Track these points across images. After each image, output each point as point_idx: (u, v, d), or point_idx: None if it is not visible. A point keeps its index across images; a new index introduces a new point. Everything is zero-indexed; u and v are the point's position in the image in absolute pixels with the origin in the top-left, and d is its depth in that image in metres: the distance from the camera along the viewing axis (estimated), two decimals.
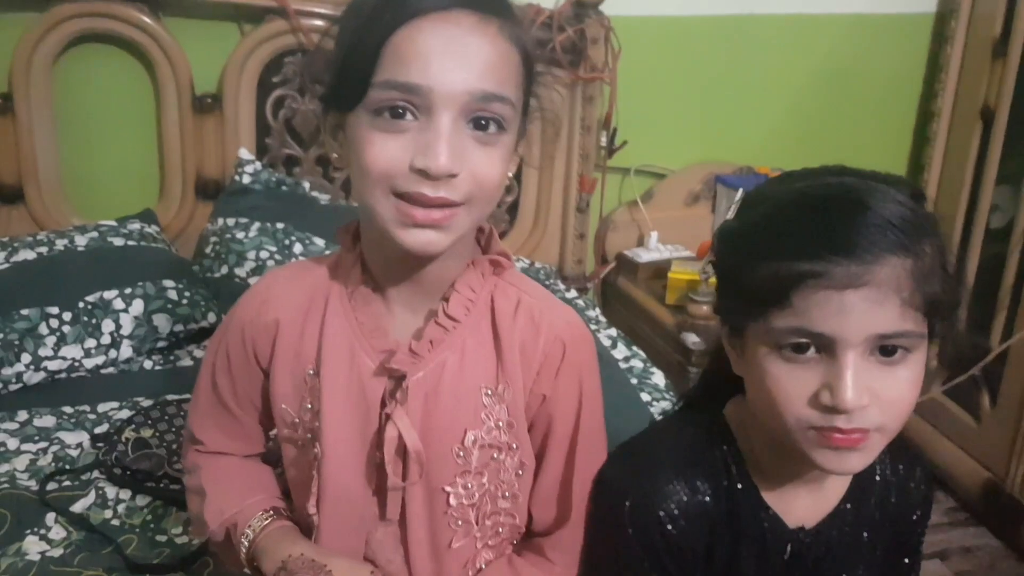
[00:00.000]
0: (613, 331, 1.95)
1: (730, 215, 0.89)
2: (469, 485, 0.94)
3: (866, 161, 0.88)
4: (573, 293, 2.14)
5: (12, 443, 1.49)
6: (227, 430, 1.04)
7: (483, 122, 0.81)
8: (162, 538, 1.31)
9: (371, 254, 0.92)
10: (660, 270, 2.19)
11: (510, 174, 0.89)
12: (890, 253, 0.77)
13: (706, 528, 0.91)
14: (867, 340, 0.78)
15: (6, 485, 1.38)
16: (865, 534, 0.95)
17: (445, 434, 0.92)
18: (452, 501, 0.94)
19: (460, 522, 0.96)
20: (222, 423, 1.03)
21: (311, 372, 0.93)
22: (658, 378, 1.77)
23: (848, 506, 0.94)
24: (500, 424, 0.93)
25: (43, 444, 1.50)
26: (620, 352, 1.87)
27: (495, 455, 0.94)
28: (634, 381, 1.75)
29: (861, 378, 0.78)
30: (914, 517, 0.99)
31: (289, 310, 0.94)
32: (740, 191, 0.88)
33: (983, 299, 2.30)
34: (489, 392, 0.92)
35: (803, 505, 0.93)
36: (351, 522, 0.96)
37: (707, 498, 0.91)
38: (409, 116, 0.80)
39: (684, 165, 2.34)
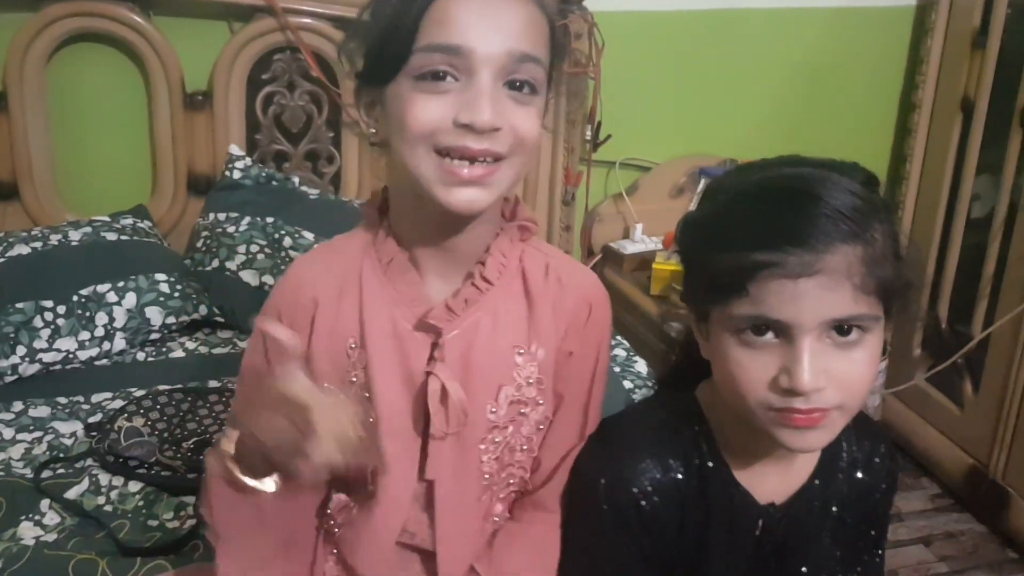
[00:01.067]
0: None
1: (692, 205, 0.92)
2: (496, 440, 0.98)
3: (849, 152, 0.91)
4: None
5: (7, 433, 1.53)
6: None
7: (518, 84, 0.85)
8: (154, 523, 1.34)
9: (403, 225, 0.95)
10: (645, 261, 2.22)
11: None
12: (841, 242, 0.80)
13: (678, 504, 0.94)
14: (822, 325, 0.81)
15: (1, 473, 1.42)
16: (834, 509, 0.99)
17: (480, 391, 0.95)
18: (484, 457, 0.98)
19: (487, 476, 0.99)
20: None
21: (352, 345, 0.95)
22: (640, 366, 1.80)
23: (817, 482, 0.97)
24: (530, 380, 0.97)
25: (38, 433, 1.53)
26: None
27: (522, 410, 0.98)
28: (617, 369, 1.78)
29: (817, 361, 0.81)
30: (880, 490, 1.02)
31: (325, 289, 0.96)
32: (703, 182, 0.93)
33: (964, 287, 2.33)
34: (521, 351, 0.97)
35: (773, 482, 0.96)
36: (399, 484, 0.98)
37: (679, 475, 0.94)
38: (450, 78, 0.84)
39: (668, 158, 2.36)
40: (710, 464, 0.95)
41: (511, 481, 1.02)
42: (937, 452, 2.38)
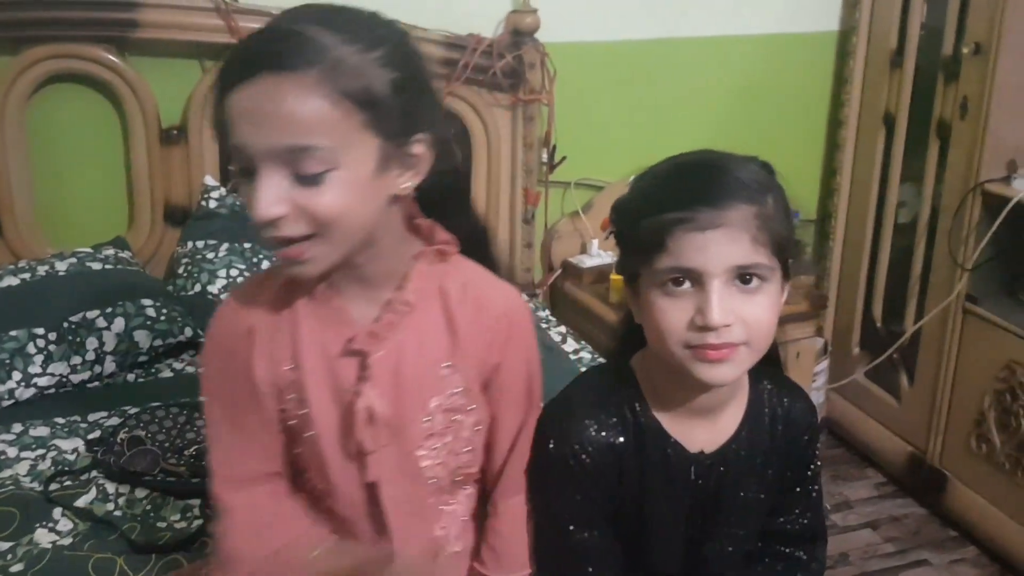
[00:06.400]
0: (563, 328, 2.11)
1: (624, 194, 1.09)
2: (436, 446, 1.08)
3: (783, 166, 1.07)
4: (524, 298, 2.28)
5: (11, 451, 1.60)
6: (244, 448, 1.08)
7: (302, 166, 0.90)
8: (162, 524, 1.42)
9: None
10: (603, 274, 2.36)
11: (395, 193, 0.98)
12: (741, 201, 0.97)
13: (615, 457, 1.08)
14: (727, 271, 0.97)
15: (11, 487, 1.48)
16: (759, 459, 1.13)
17: (412, 404, 1.06)
18: (424, 462, 1.08)
19: (432, 479, 1.10)
20: (236, 442, 1.08)
21: (287, 368, 1.03)
22: None
23: (743, 433, 1.11)
24: (458, 390, 1.08)
25: (41, 451, 1.60)
26: (570, 346, 2.03)
27: (455, 416, 1.08)
28: (583, 370, 1.91)
29: (725, 301, 0.97)
30: (803, 441, 1.16)
31: (260, 317, 1.04)
32: (632, 177, 1.13)
33: (895, 288, 2.51)
34: (446, 366, 1.07)
35: (702, 433, 1.10)
36: (345, 494, 1.08)
37: (615, 431, 1.08)
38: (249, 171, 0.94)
39: (619, 177, 2.48)
40: (643, 420, 1.09)
41: (457, 479, 1.13)
42: (879, 442, 2.54)
